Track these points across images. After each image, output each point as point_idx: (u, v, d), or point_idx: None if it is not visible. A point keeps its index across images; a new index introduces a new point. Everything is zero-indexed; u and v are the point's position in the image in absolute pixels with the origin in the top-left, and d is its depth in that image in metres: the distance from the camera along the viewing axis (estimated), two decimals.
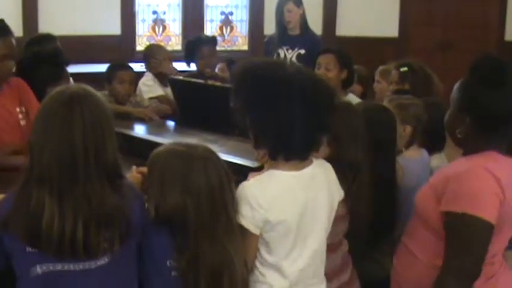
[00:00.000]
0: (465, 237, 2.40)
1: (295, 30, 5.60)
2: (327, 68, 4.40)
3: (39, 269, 2.09)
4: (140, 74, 5.14)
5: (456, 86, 2.65)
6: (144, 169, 2.60)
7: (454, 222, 2.42)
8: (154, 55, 5.04)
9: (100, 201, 2.06)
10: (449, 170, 2.56)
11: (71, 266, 2.09)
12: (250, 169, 2.91)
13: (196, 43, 5.14)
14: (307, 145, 2.37)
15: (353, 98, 4.42)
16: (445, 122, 2.67)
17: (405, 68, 4.21)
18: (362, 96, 4.97)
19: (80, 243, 2.02)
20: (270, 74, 2.30)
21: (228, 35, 8.50)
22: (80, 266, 2.10)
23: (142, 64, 5.27)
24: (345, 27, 8.57)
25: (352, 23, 8.57)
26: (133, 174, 2.60)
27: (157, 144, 3.42)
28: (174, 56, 5.21)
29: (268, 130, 2.30)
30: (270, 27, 8.25)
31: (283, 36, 5.54)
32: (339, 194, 2.54)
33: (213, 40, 5.29)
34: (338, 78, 4.42)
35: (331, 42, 7.34)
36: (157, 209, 2.20)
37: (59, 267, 2.09)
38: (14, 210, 2.04)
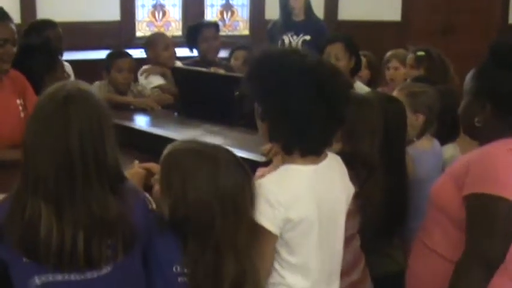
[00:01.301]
0: (486, 219, 2.26)
1: (299, 16, 5.41)
2: (336, 58, 4.25)
3: (37, 280, 1.93)
4: (140, 61, 4.96)
5: (470, 74, 2.54)
6: (150, 165, 2.45)
7: (474, 204, 2.29)
8: (153, 46, 4.85)
9: (102, 208, 1.89)
10: (469, 157, 2.43)
11: (71, 277, 1.93)
12: (257, 164, 2.74)
13: (197, 28, 4.96)
14: (324, 139, 2.23)
15: (360, 86, 4.28)
16: (461, 111, 2.54)
17: (422, 53, 4.06)
18: (369, 82, 4.82)
19: (80, 255, 1.86)
20: (291, 63, 2.15)
21: (229, 20, 8.33)
22: (81, 277, 1.94)
23: (143, 50, 5.09)
24: (347, 12, 8.40)
25: (354, 7, 8.42)
26: (135, 169, 2.44)
27: (158, 137, 3.39)
28: (175, 43, 5.01)
29: (284, 121, 2.14)
30: (271, 12, 8.13)
31: (288, 22, 5.36)
32: (351, 188, 2.40)
33: (214, 24, 5.10)
34: (348, 67, 4.28)
35: (333, 27, 7.18)
36: (174, 209, 2.03)
37: (59, 278, 1.92)
38: (8, 219, 1.87)
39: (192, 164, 2.06)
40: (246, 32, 8.41)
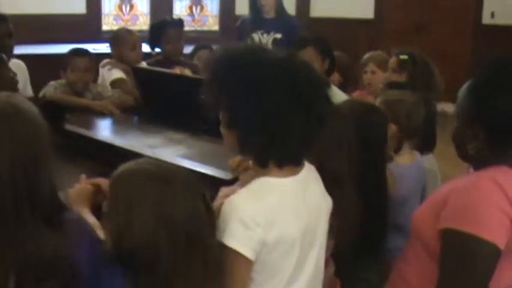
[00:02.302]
0: (463, 262, 1.96)
1: (270, 13, 5.06)
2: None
3: None
4: (106, 56, 4.60)
5: (461, 93, 2.20)
6: (99, 180, 2.12)
7: (450, 241, 1.99)
8: (119, 44, 4.48)
9: (37, 248, 1.55)
10: (453, 185, 2.13)
11: None
12: (222, 182, 2.41)
13: (161, 27, 4.59)
14: (305, 144, 1.90)
15: (335, 90, 3.96)
16: (453, 136, 2.22)
17: (405, 56, 3.75)
18: (341, 86, 4.49)
19: None
20: (259, 60, 1.85)
21: (198, 15, 8.04)
22: None
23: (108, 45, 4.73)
24: (319, 9, 8.16)
25: (326, 4, 8.20)
26: (82, 185, 2.12)
27: (114, 147, 3.05)
28: (142, 38, 4.64)
29: (257, 127, 1.82)
30: (241, 7, 7.85)
31: (258, 20, 5.02)
32: (329, 200, 2.09)
33: (179, 23, 4.75)
34: (321, 70, 3.95)
35: (304, 24, 6.90)
36: (118, 240, 1.70)
37: None
38: None
39: (139, 189, 1.73)
40: (216, 27, 8.13)
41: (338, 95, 3.93)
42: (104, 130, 3.63)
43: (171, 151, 2.96)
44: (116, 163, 1.81)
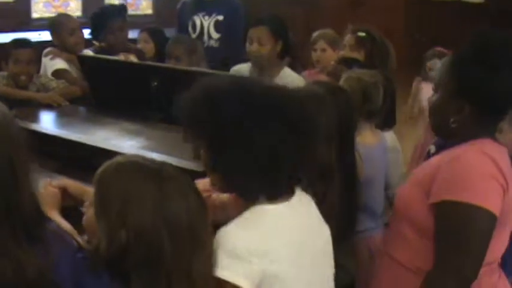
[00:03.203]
0: (462, 232, 1.93)
1: None
2: (260, 43, 3.79)
3: None
4: (40, 45, 4.33)
5: (442, 66, 2.17)
6: (65, 182, 1.97)
7: (446, 213, 1.95)
8: (57, 29, 4.23)
9: (17, 268, 1.39)
10: (438, 160, 2.09)
11: None
12: (195, 174, 2.26)
13: (102, 17, 4.33)
14: (295, 178, 1.79)
15: (288, 72, 3.83)
16: (433, 110, 2.18)
17: (364, 33, 3.65)
18: (291, 65, 4.37)
19: None
20: (240, 97, 1.70)
21: None
22: None
23: (40, 33, 4.48)
24: None
25: None
26: (48, 189, 1.95)
27: (67, 141, 2.83)
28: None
29: (243, 171, 1.69)
30: None
31: (198, 2, 4.82)
32: (327, 228, 1.95)
33: (122, 10, 4.51)
34: (274, 52, 3.82)
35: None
36: (112, 240, 1.54)
37: None
38: None
39: (133, 184, 1.58)
40: (150, 11, 7.88)
41: (291, 76, 3.83)
42: (54, 123, 3.42)
43: (130, 143, 2.79)
44: (73, 158, 1.64)
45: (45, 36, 5.08)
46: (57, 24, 4.27)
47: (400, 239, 2.14)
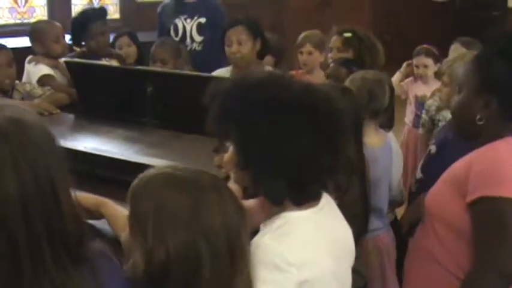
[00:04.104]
0: (500, 226, 1.91)
1: None
2: (239, 43, 3.72)
3: None
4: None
5: (465, 66, 2.15)
6: (81, 197, 1.86)
7: (483, 209, 1.93)
8: (41, 38, 4.07)
9: None
10: (469, 159, 2.05)
11: None
12: None
13: (82, 24, 4.18)
14: (324, 183, 1.73)
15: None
16: (457, 109, 2.15)
17: (349, 34, 3.60)
18: (275, 67, 4.31)
19: None
20: (272, 95, 1.63)
21: (98, 3, 7.58)
22: None
23: (6, 40, 4.30)
24: None
25: None
26: None
27: (72, 152, 2.69)
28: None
29: (272, 171, 1.62)
30: None
31: (179, 4, 4.71)
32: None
33: (102, 13, 4.38)
34: (253, 51, 3.76)
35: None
36: (150, 258, 1.45)
37: None
38: None
39: (168, 198, 1.49)
40: (117, 15, 7.72)
41: None
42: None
43: (132, 151, 2.67)
44: (75, 170, 1.52)
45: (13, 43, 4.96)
46: (39, 32, 4.10)
47: (436, 238, 2.10)
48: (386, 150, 2.89)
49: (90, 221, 2.04)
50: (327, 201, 1.75)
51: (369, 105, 2.82)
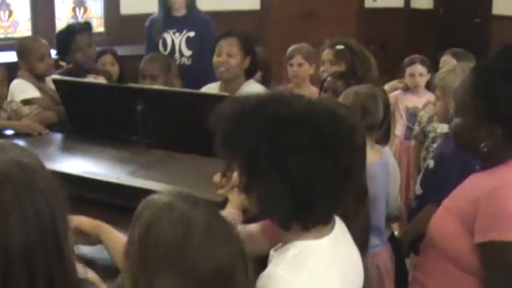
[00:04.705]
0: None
1: (180, 11, 4.67)
2: (229, 54, 3.59)
3: None
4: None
5: (463, 87, 2.01)
6: (77, 220, 1.80)
7: (494, 254, 1.84)
8: (26, 55, 3.95)
9: None
10: (474, 190, 1.95)
11: None
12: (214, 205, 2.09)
13: (68, 36, 4.09)
14: (335, 205, 1.62)
15: (257, 87, 3.65)
16: (460, 134, 2.05)
17: (342, 46, 3.53)
18: (263, 82, 4.22)
19: None
20: (274, 114, 1.55)
21: (82, 17, 7.51)
22: None
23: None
24: (206, 2, 7.84)
25: None
26: None
27: (65, 176, 2.58)
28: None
29: (277, 194, 1.54)
30: (127, 7, 7.45)
31: (168, 18, 4.63)
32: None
33: (87, 27, 4.30)
34: (241, 67, 3.63)
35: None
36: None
37: None
38: None
39: (159, 225, 1.37)
40: (101, 29, 7.64)
41: (256, 87, 3.65)
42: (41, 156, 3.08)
43: (125, 173, 2.58)
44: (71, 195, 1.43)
45: None
46: (24, 49, 3.99)
47: (440, 273, 2.02)
48: (383, 166, 2.81)
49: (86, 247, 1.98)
50: (341, 228, 1.67)
51: (363, 120, 2.75)
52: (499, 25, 8.07)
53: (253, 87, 3.62)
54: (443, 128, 3.70)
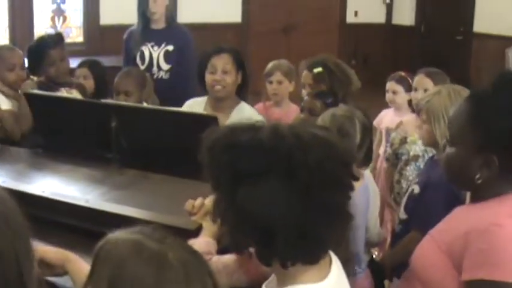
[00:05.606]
0: None
1: (159, 24, 4.56)
2: (224, 71, 3.41)
3: None
4: None
5: (458, 118, 1.89)
6: (42, 250, 1.67)
7: None
8: None
9: None
10: (463, 224, 1.84)
11: None
12: (186, 233, 1.95)
13: (40, 51, 3.91)
14: (316, 242, 1.45)
15: (247, 109, 3.53)
16: (453, 167, 1.91)
17: (319, 69, 3.42)
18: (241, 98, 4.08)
19: None
20: (237, 142, 1.42)
21: (61, 26, 7.40)
22: None
23: None
24: (186, 15, 7.76)
25: (193, 10, 7.81)
26: None
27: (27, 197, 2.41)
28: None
29: (243, 226, 1.41)
30: (106, 17, 7.34)
31: (147, 31, 4.51)
32: None
33: (59, 40, 4.07)
34: (235, 84, 3.46)
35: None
36: None
37: None
38: None
39: (131, 267, 1.25)
40: (80, 39, 7.51)
41: (247, 110, 3.54)
42: (9, 173, 2.83)
43: (96, 194, 2.45)
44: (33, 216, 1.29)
45: None
46: None
47: None
48: (364, 192, 2.70)
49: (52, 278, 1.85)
50: (339, 270, 1.53)
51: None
52: (480, 43, 8.03)
53: (244, 112, 3.48)
54: (416, 150, 3.60)
